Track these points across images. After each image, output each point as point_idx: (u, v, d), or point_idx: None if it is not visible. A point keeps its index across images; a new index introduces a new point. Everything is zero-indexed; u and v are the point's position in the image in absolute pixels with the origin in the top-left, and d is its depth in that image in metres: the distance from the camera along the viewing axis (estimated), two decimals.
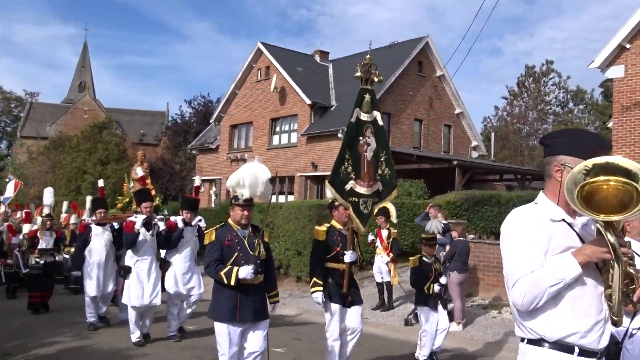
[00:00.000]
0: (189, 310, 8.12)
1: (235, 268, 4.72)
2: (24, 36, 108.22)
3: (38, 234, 10.40)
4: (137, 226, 7.38)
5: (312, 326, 9.30)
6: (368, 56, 6.14)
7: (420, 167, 19.45)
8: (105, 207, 9.12)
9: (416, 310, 9.57)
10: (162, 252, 8.29)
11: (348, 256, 5.73)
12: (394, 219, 10.76)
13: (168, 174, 32.19)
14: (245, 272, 4.68)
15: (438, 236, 10.07)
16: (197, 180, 9.84)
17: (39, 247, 10.24)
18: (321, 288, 5.71)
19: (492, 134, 34.51)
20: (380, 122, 6.17)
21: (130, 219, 7.63)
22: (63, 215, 15.03)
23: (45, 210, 10.88)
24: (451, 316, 9.24)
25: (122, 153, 30.21)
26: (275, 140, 25.42)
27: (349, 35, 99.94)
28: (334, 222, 6.04)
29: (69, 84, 62.20)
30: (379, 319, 9.98)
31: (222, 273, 4.71)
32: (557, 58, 66.61)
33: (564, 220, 2.40)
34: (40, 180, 31.19)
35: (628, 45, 13.90)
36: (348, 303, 5.83)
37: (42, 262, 10.14)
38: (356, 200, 5.76)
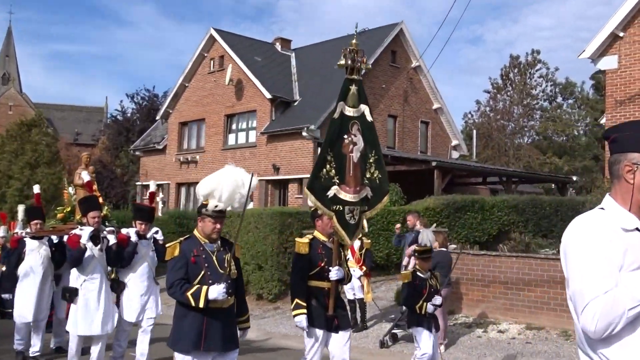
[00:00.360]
0: (145, 338, 7.61)
1: (205, 287, 4.52)
2: None
3: None
4: (83, 240, 6.90)
5: (283, 353, 9.21)
6: (354, 41, 5.90)
7: (395, 169, 19.57)
8: (43, 217, 8.72)
9: (393, 330, 9.61)
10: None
11: (334, 273, 5.55)
12: (365, 228, 10.74)
13: (108, 179, 31.68)
14: (217, 292, 4.48)
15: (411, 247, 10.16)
16: (152, 186, 9.25)
17: None
18: (305, 310, 5.51)
19: (474, 131, 35.11)
20: (369, 118, 6.01)
21: (74, 231, 7.15)
22: None
23: None
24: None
25: (55, 155, 29.54)
26: (231, 139, 25.24)
27: (314, 21, 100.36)
28: (317, 233, 5.88)
29: None
30: (351, 340, 9.95)
31: (188, 294, 4.51)
32: (544, 48, 68.34)
33: (637, 229, 2.29)
34: None
35: (621, 34, 14.29)
36: (334, 327, 5.65)
37: None
38: (341, 208, 5.60)
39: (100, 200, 8.59)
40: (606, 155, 14.92)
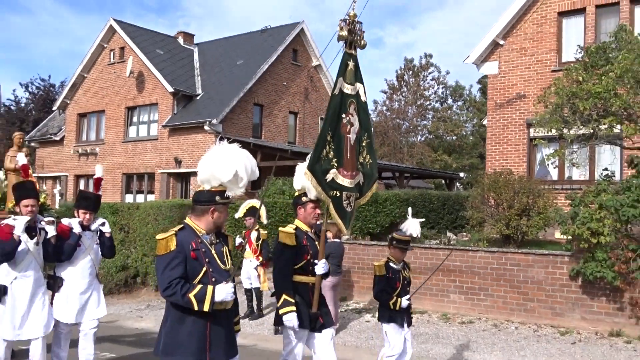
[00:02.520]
0: (89, 343, 6.58)
1: (210, 288, 3.84)
2: None
3: None
4: (17, 232, 5.96)
5: None
6: (353, 12, 5.25)
7: (296, 164, 19.72)
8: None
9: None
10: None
11: (320, 267, 5.02)
12: (264, 220, 10.91)
13: None
14: (225, 292, 3.87)
15: None
16: (98, 171, 7.72)
17: None
18: (294, 308, 4.88)
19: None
20: (364, 98, 5.45)
21: (5, 221, 6.19)
22: None
23: None
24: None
25: None
26: (132, 132, 24.61)
27: (219, 17, 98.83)
28: (298, 223, 5.20)
29: None
30: (247, 328, 10.08)
31: (191, 295, 3.78)
32: (440, 52, 70.86)
33: None
34: None
35: (502, 42, 15.28)
36: (319, 326, 5.06)
37: None
38: (338, 194, 5.12)
39: (37, 186, 7.39)
40: (486, 155, 15.87)
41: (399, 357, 6.21)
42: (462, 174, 29.43)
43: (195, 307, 3.79)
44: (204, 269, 3.92)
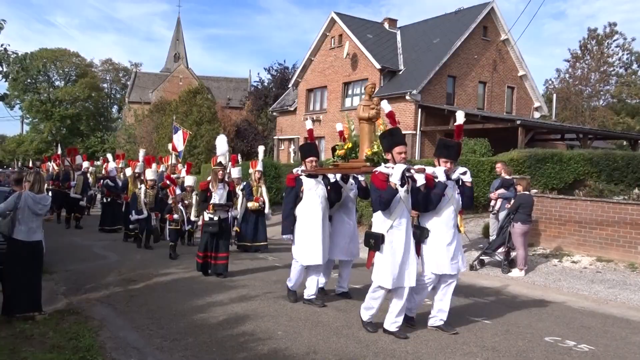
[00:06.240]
0: (446, 296, 5.53)
1: None
2: (125, 13, 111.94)
3: (210, 186, 8.06)
4: (395, 179, 4.98)
5: None
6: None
7: (485, 127, 18.82)
8: (317, 154, 6.81)
9: (481, 257, 9.52)
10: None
11: None
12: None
13: (252, 134, 32.93)
14: None
15: (502, 190, 9.86)
16: (459, 117, 5.73)
17: (211, 201, 7.98)
18: None
19: (554, 95, 32.64)
20: None
21: (378, 169, 5.19)
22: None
23: (220, 160, 8.24)
24: (514, 263, 9.15)
25: (213, 115, 31.04)
26: (348, 102, 25.27)
27: (415, 2, 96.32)
28: None
29: (166, 55, 64.13)
30: None
31: None
32: (623, 20, 61.26)
33: None
34: (146, 139, 32.77)
35: None
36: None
37: (215, 218, 7.97)
38: None
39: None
40: None
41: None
42: None
43: None
44: None
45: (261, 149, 12.62)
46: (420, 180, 5.04)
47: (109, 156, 15.51)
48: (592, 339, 5.52)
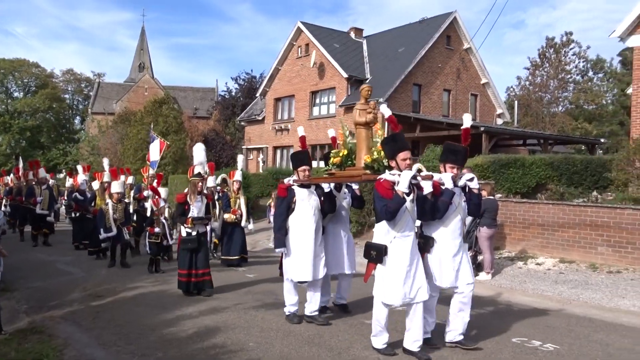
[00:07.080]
0: (464, 312, 5.19)
1: None
2: (87, 22, 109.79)
3: (188, 198, 7.54)
4: (402, 188, 4.56)
5: None
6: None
7: (450, 134, 19.20)
8: (310, 163, 6.14)
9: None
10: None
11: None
12: None
13: (220, 144, 32.68)
14: None
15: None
16: (467, 121, 5.34)
17: (190, 214, 7.49)
18: None
19: (516, 102, 33.60)
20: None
21: (383, 177, 4.78)
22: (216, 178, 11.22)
23: (198, 170, 7.74)
24: (481, 267, 9.33)
25: (180, 125, 30.64)
26: (315, 111, 25.43)
27: (381, 12, 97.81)
28: None
29: (130, 65, 63.27)
30: None
31: None
32: (579, 29, 63.73)
33: None
34: (111, 151, 32.07)
35: None
36: None
37: (194, 233, 7.47)
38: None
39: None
40: (631, 122, 14.06)
41: None
42: (602, 139, 26.37)
43: None
44: None
45: (240, 157, 12.23)
46: (428, 188, 4.67)
47: (79, 168, 14.67)
48: (557, 338, 5.68)
